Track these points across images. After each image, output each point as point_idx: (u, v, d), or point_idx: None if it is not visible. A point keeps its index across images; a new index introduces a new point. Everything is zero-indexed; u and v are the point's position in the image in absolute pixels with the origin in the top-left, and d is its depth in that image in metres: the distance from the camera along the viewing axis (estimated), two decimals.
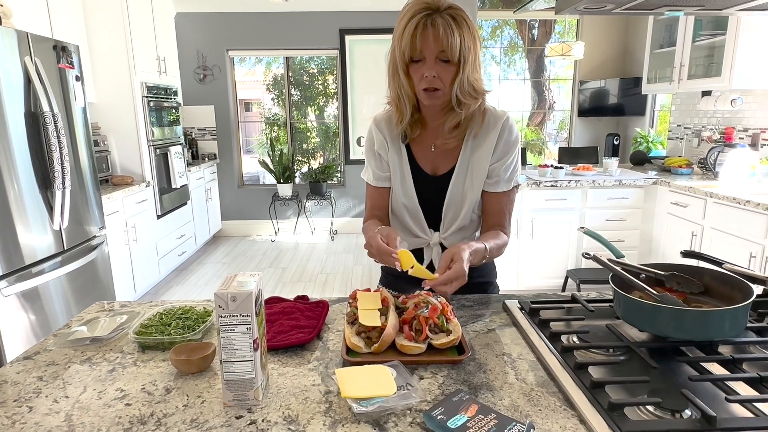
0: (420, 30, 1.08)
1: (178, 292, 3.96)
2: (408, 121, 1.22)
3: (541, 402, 0.78)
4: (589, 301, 1.13)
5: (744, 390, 0.78)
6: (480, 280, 1.35)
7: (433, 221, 1.29)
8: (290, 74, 5.69)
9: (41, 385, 0.86)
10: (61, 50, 2.59)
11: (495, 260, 1.33)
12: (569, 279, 3.18)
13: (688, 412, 0.71)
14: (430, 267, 1.31)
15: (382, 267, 1.42)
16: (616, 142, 5.06)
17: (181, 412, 0.77)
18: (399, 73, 1.15)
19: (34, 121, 2.36)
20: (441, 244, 1.30)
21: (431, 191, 1.27)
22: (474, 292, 1.28)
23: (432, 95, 1.14)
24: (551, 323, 1.02)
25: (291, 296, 1.22)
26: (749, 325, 0.96)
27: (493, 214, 1.26)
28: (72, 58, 2.68)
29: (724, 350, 0.90)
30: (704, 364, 0.84)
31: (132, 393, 0.83)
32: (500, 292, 1.36)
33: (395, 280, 1.36)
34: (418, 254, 1.32)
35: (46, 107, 2.37)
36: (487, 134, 1.22)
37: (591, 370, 0.83)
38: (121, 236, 3.39)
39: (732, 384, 0.79)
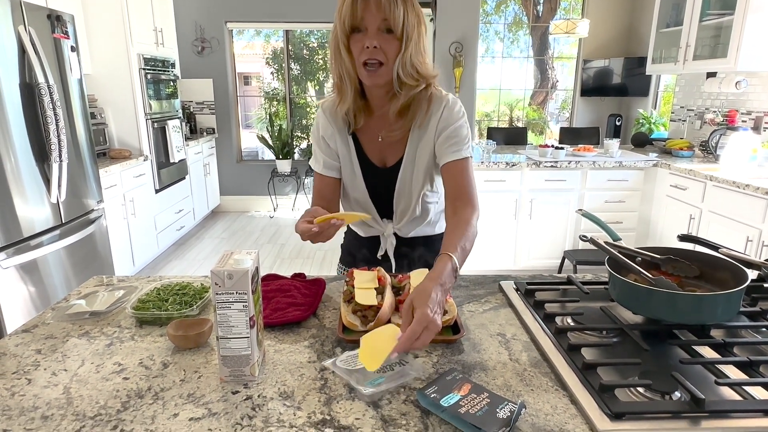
0: None
1: (176, 267, 3.98)
2: (352, 108, 1.17)
3: (533, 382, 0.79)
4: (584, 283, 1.13)
5: (734, 373, 0.79)
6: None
7: (386, 212, 1.28)
8: (290, 48, 5.60)
9: (40, 358, 0.87)
10: (55, 20, 2.53)
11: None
12: (566, 260, 3.19)
13: (677, 394, 0.72)
14: (386, 257, 1.32)
15: (342, 246, 1.44)
16: (618, 123, 5.01)
17: (178, 387, 0.78)
18: (340, 48, 1.09)
19: (30, 92, 2.33)
20: (395, 234, 1.30)
21: (381, 184, 1.24)
22: None
23: (373, 72, 1.08)
24: (546, 304, 1.03)
25: (289, 273, 1.22)
26: (742, 309, 0.97)
27: (456, 188, 1.17)
28: (67, 27, 2.63)
29: (717, 334, 0.91)
30: (696, 348, 0.85)
31: (130, 367, 0.84)
32: (496, 273, 1.37)
33: (354, 261, 1.36)
34: (375, 242, 1.32)
35: (41, 78, 2.34)
36: (430, 120, 1.18)
37: (584, 351, 0.84)
38: (119, 210, 3.39)
39: (722, 367, 0.80)
